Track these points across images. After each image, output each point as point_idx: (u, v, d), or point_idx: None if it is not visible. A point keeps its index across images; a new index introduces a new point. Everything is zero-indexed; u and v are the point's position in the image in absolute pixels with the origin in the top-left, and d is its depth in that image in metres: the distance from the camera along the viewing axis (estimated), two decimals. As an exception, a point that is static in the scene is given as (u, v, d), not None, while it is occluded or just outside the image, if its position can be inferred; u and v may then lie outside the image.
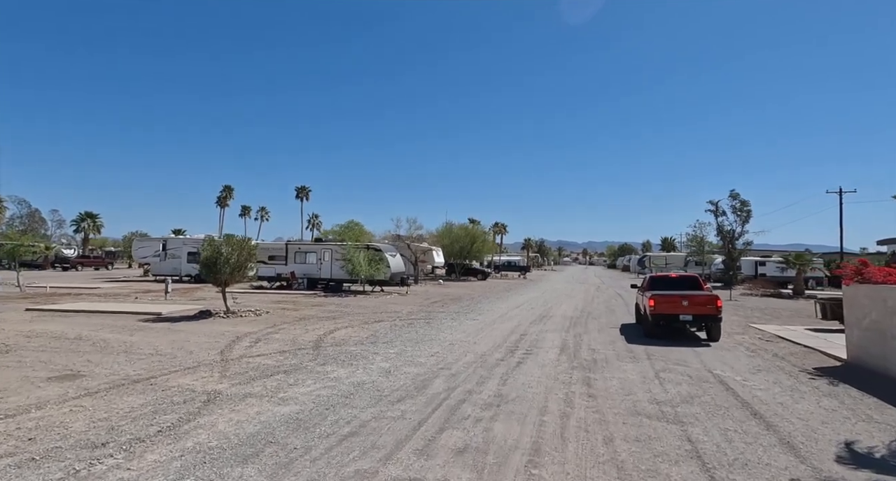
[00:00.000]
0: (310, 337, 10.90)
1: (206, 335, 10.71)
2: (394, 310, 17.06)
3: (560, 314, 17.25)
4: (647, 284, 13.21)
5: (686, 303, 11.33)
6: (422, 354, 9.49)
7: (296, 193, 70.51)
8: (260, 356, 8.72)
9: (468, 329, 12.99)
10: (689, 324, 11.44)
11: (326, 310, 16.34)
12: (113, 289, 22.98)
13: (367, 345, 10.25)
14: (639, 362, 9.16)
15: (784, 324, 14.80)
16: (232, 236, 13.75)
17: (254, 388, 6.64)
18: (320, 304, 17.94)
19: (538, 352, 9.96)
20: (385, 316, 15.22)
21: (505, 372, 8.14)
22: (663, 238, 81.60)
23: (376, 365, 8.38)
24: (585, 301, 23.03)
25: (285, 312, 15.22)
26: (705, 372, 8.30)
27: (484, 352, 9.86)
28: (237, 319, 13.14)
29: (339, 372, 7.83)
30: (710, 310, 11.19)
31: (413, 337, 11.45)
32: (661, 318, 11.52)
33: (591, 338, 11.92)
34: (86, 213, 51.81)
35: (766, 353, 10.11)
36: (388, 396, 6.60)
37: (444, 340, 11.16)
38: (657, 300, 11.54)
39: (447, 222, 42.64)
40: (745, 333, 12.92)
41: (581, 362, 9.07)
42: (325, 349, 9.61)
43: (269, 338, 10.57)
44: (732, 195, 34.26)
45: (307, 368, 7.97)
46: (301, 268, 24.29)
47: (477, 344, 10.88)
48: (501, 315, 16.49)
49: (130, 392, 6.28)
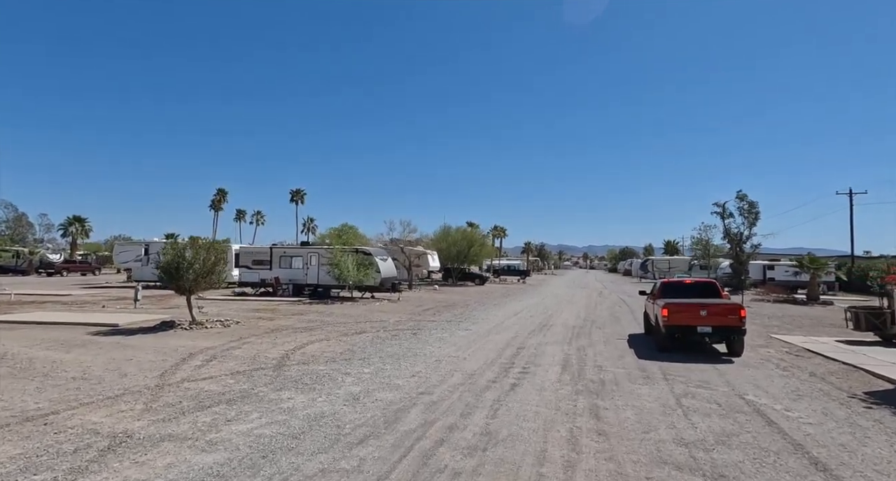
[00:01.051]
0: (275, 352, 9.55)
1: (156, 351, 9.36)
2: (380, 318, 15.71)
3: (561, 323, 15.90)
4: (659, 291, 11.87)
5: (705, 313, 9.98)
6: (401, 374, 8.15)
7: (290, 197, 69.28)
8: (207, 379, 7.37)
9: (459, 341, 11.64)
10: (709, 337, 10.09)
11: (306, 319, 14.99)
12: (85, 297, 21.64)
13: (339, 362, 8.90)
14: (655, 384, 7.81)
15: (809, 334, 13.44)
16: (197, 238, 12.43)
17: (179, 427, 5.29)
18: (301, 313, 16.59)
19: (536, 371, 8.62)
20: (369, 326, 13.87)
21: (496, 399, 6.80)
22: (666, 241, 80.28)
23: (344, 390, 7.04)
24: (588, 308, 21.68)
25: (259, 322, 13.87)
26: (736, 399, 6.95)
27: (474, 371, 8.52)
28: (201, 331, 11.79)
29: (296, 400, 6.49)
30: (732, 322, 9.84)
31: (395, 352, 10.10)
32: (677, 330, 10.17)
33: (597, 352, 10.58)
34: (74, 217, 50.47)
35: (801, 372, 8.76)
36: (348, 435, 5.26)
37: (431, 356, 9.82)
38: (671, 309, 10.19)
39: (444, 225, 41.35)
40: (769, 346, 11.56)
41: (587, 384, 7.73)
42: (288, 368, 8.26)
43: (227, 354, 9.22)
44: (739, 196, 32.92)
45: (258, 395, 6.62)
46: (286, 274, 22.95)
47: (467, 360, 9.54)
48: (497, 324, 15.14)
49: (9, 436, 4.93)
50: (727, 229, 33.63)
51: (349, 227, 46.20)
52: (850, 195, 37.90)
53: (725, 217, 33.51)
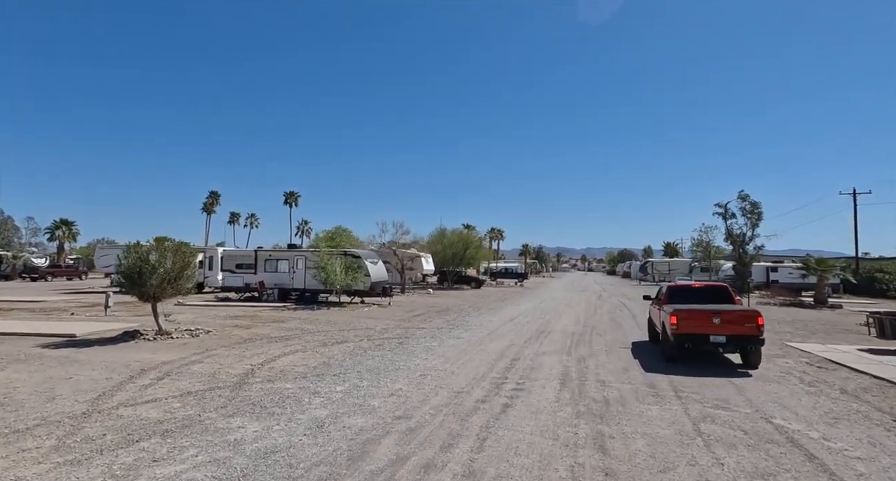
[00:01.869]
0: (240, 367, 8.54)
1: (105, 367, 8.34)
2: (366, 326, 14.71)
3: (560, 329, 14.93)
4: (666, 296, 10.92)
5: (718, 321, 9.02)
6: (378, 393, 7.17)
7: (284, 199, 68.19)
8: (149, 402, 6.37)
9: (448, 352, 10.66)
10: (722, 347, 9.13)
11: (286, 327, 13.97)
12: (59, 303, 20.58)
13: (310, 379, 7.90)
14: (666, 403, 6.85)
15: (826, 341, 12.50)
16: (163, 240, 11.44)
17: (87, 472, 4.29)
18: (282, 320, 15.57)
19: (532, 388, 7.64)
20: (352, 334, 12.87)
21: (485, 425, 5.83)
22: (666, 243, 79.41)
23: (308, 415, 6.05)
24: (587, 312, 20.72)
25: (233, 331, 12.85)
26: (763, 423, 5.99)
27: (462, 388, 7.54)
28: (165, 343, 10.77)
29: (247, 429, 5.50)
30: (749, 330, 8.88)
31: (375, 365, 9.11)
32: (687, 340, 9.20)
33: (599, 364, 9.61)
34: (61, 221, 49.29)
35: (830, 388, 7.80)
36: (299, 479, 4.28)
37: (415, 369, 8.83)
38: (681, 316, 9.23)
39: (440, 227, 40.36)
40: (786, 355, 10.61)
41: (589, 404, 6.76)
42: (249, 387, 7.26)
43: (184, 370, 8.20)
44: (741, 196, 32.19)
45: (203, 424, 5.62)
46: (272, 278, 21.92)
47: (455, 374, 8.56)
48: (491, 331, 14.16)
49: None
50: (729, 230, 32.83)
51: (342, 230, 45.21)
52: (853, 195, 37.10)
53: (727, 218, 32.71)
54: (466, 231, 44.81)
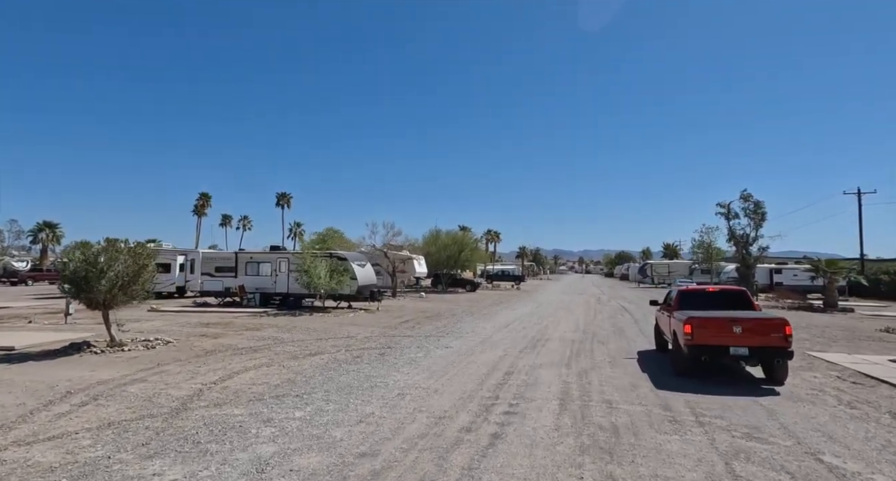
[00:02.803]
0: (188, 388, 7.35)
1: (25, 389, 7.14)
2: (348, 333, 13.53)
3: (558, 336, 13.80)
4: (677, 301, 9.79)
5: (739, 330, 7.90)
6: (345, 419, 6.01)
7: (276, 200, 66.84)
8: (53, 439, 5.18)
9: (434, 364, 9.50)
10: (745, 360, 8.00)
11: (259, 336, 12.77)
12: (24, 309, 19.31)
13: (266, 402, 6.73)
14: (686, 432, 5.71)
15: (852, 351, 11.41)
16: (115, 240, 10.25)
17: None
18: (258, 327, 14.37)
19: (527, 411, 6.50)
20: (330, 344, 11.69)
21: (468, 465, 4.69)
22: (665, 244, 78.45)
23: (250, 454, 4.89)
24: (587, 317, 19.59)
25: (198, 341, 11.65)
26: (812, 462, 4.85)
27: (445, 412, 6.40)
28: (114, 356, 9.57)
29: (164, 478, 4.32)
30: (775, 341, 7.76)
31: (348, 382, 7.94)
32: (704, 351, 8.07)
33: (603, 379, 8.48)
34: (44, 223, 47.88)
35: (876, 411, 6.68)
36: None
37: (393, 387, 7.68)
38: (696, 325, 8.11)
39: (434, 229, 39.18)
40: (812, 368, 9.50)
41: (594, 433, 5.62)
42: (188, 415, 6.08)
43: (118, 393, 7.01)
44: (744, 196, 31.07)
45: (109, 471, 4.45)
46: (253, 281, 20.71)
47: (439, 393, 7.41)
48: (484, 339, 13.00)
49: None
50: (732, 231, 31.77)
51: (333, 231, 43.99)
52: (858, 194, 36.18)
53: (730, 218, 31.66)
54: (462, 232, 43.68)
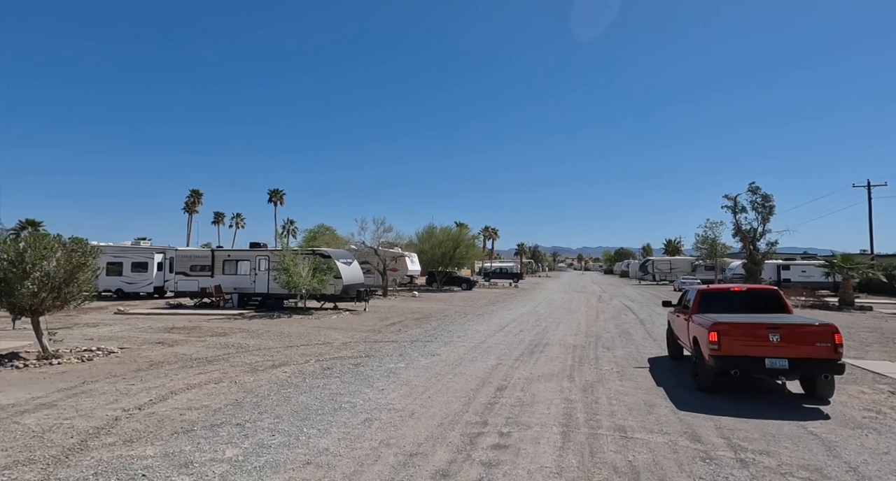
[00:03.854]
0: (102, 415, 5.98)
1: None
2: (325, 339, 12.19)
3: (559, 341, 12.49)
4: (696, 303, 8.46)
5: (777, 339, 6.57)
6: (289, 460, 4.68)
7: (268, 197, 65.28)
8: None
9: (415, 378, 8.17)
10: (784, 374, 6.67)
11: (222, 343, 11.41)
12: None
13: (194, 434, 5.38)
14: (728, 475, 4.39)
15: (892, 357, 10.09)
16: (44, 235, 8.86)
17: None
18: (226, 332, 13.01)
19: (521, 444, 5.17)
20: (300, 352, 10.35)
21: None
22: (667, 240, 77.10)
23: (139, 520, 3.53)
24: (588, 318, 18.28)
25: (150, 350, 10.29)
26: (913, 532, 3.52)
27: (417, 447, 5.07)
28: (38, 371, 8.19)
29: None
30: (822, 352, 6.43)
31: (308, 403, 6.60)
32: (733, 364, 6.75)
33: (612, 395, 7.16)
34: (27, 221, 46.28)
35: (960, 441, 5.35)
36: None
37: (361, 410, 6.35)
38: (725, 332, 6.78)
39: (429, 225, 37.78)
40: (857, 380, 8.16)
41: (608, 479, 4.29)
42: (83, 457, 4.73)
43: (7, 425, 5.63)
44: (752, 189, 29.80)
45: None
46: (231, 281, 19.33)
47: (415, 417, 6.09)
48: (476, 344, 11.68)
49: None
50: (738, 225, 30.49)
51: (325, 228, 42.63)
52: (867, 187, 34.91)
53: (737, 212, 30.37)
54: (458, 229, 42.30)
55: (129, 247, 25.12)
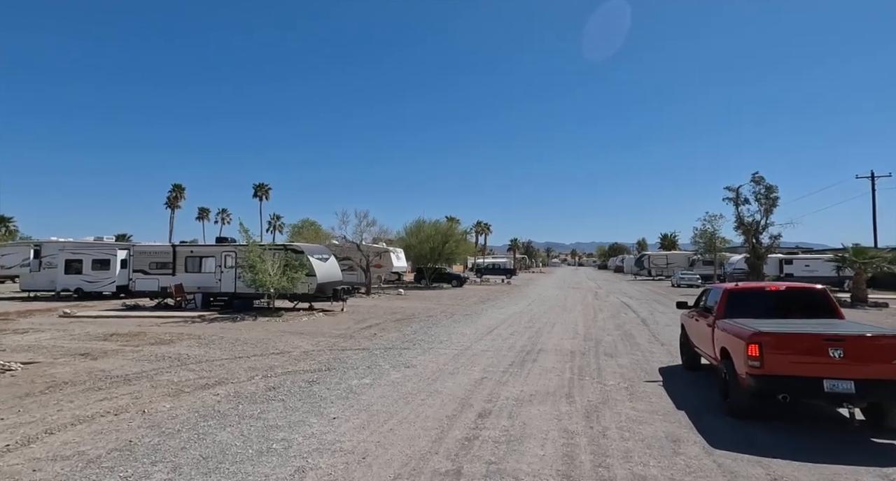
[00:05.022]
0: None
1: None
2: (284, 347, 10.57)
3: (553, 346, 10.97)
4: (723, 305, 6.93)
5: (840, 354, 5.06)
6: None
7: (254, 192, 63.19)
8: None
9: (379, 401, 6.59)
10: (848, 400, 5.14)
11: (160, 353, 9.75)
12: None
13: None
14: None
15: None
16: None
17: None
18: (171, 340, 11.33)
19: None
20: (247, 366, 8.71)
21: None
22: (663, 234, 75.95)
23: None
24: (586, 317, 16.80)
25: (65, 364, 8.60)
26: None
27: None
28: None
29: None
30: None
31: (225, 443, 5.00)
32: (782, 386, 5.23)
33: (624, 425, 5.64)
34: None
35: None
36: None
37: (296, 453, 4.77)
38: (771, 345, 5.26)
39: (418, 219, 36.07)
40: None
41: None
42: None
43: None
44: (755, 179, 28.46)
45: None
46: (194, 280, 17.59)
47: (366, 464, 4.53)
48: (460, 352, 10.12)
49: None
50: (741, 217, 29.16)
51: (310, 223, 40.86)
52: (871, 178, 33.69)
53: (739, 203, 29.03)
54: (448, 222, 40.66)
55: (91, 243, 23.27)
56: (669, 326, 14.50)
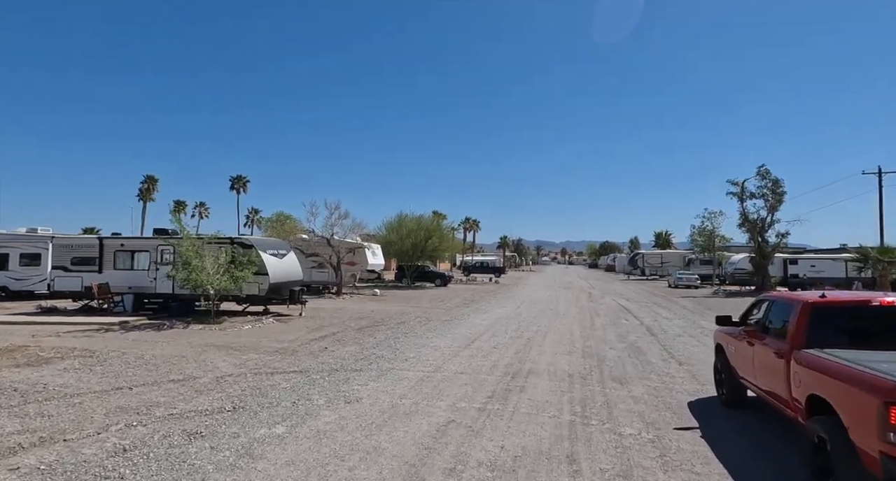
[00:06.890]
0: None
1: None
2: (192, 371, 8.09)
3: (546, 366, 8.68)
4: (802, 326, 4.63)
5: None
6: None
7: (230, 184, 60.10)
8: None
9: (283, 472, 4.18)
10: None
11: (18, 380, 7.25)
12: None
13: None
14: None
15: None
16: None
17: None
18: (48, 360, 8.78)
19: None
20: (116, 405, 6.24)
21: None
22: (657, 233, 74.26)
23: None
24: (583, 323, 14.56)
25: None
26: None
27: None
28: None
29: None
30: None
31: None
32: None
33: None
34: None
35: None
36: None
37: None
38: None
39: (400, 213, 33.54)
40: None
41: None
42: None
43: None
44: (761, 173, 26.44)
45: None
46: (125, 278, 15.00)
47: None
48: (425, 376, 7.76)
49: None
50: (745, 214, 27.17)
51: (286, 217, 38.22)
52: (878, 174, 31.94)
53: (744, 199, 27.02)
54: (433, 217, 38.26)
55: (21, 235, 20.47)
56: (681, 337, 12.32)
